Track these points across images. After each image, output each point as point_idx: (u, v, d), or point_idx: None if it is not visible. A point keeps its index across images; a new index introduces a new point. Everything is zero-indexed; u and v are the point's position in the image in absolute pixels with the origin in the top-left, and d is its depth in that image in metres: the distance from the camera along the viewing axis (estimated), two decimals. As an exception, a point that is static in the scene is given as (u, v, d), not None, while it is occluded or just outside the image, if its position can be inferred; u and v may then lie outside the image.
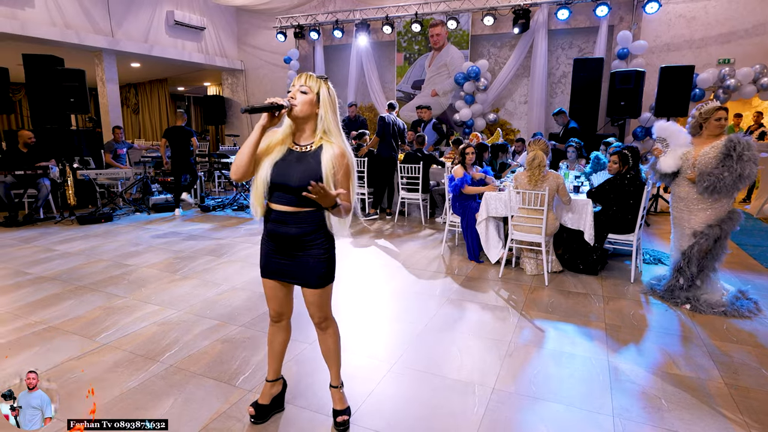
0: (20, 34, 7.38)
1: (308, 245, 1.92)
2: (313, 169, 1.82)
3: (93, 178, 7.30)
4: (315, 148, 1.86)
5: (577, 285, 4.07)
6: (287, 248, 1.93)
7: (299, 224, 1.88)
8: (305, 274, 1.95)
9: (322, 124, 1.87)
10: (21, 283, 4.06)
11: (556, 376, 2.59)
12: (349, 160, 1.87)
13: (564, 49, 8.59)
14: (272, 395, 2.21)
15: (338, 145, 1.86)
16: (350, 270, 4.52)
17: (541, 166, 3.88)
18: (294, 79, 1.91)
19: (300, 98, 1.84)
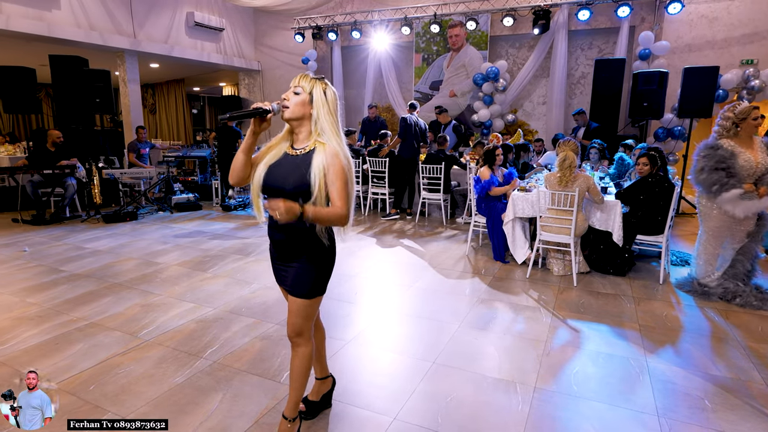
0: (46, 35, 7.50)
1: (297, 253, 1.86)
2: (299, 171, 1.76)
3: (117, 177, 7.42)
4: (308, 151, 1.80)
5: (606, 286, 4.08)
6: (281, 254, 1.91)
7: (289, 231, 1.82)
8: (291, 281, 1.89)
9: (317, 126, 1.80)
10: (57, 280, 4.15)
11: (595, 375, 2.61)
12: (341, 162, 1.75)
13: (584, 49, 8.57)
14: (321, 393, 2.25)
15: (331, 147, 1.77)
16: (378, 269, 4.57)
17: (572, 167, 3.89)
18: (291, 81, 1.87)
19: (293, 99, 1.79)
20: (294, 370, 1.97)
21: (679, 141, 7.44)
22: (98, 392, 2.41)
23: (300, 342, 1.94)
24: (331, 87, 1.84)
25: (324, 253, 1.88)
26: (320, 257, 1.87)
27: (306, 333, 1.94)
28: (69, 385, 2.48)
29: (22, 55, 9.64)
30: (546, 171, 5.75)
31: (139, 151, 8.31)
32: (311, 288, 1.87)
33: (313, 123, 1.80)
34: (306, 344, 1.95)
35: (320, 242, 1.85)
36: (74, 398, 2.36)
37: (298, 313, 1.90)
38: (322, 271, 1.89)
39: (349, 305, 3.65)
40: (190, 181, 8.85)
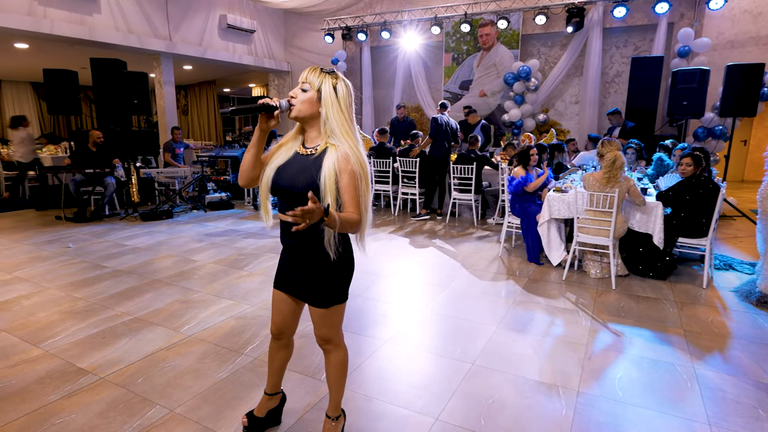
0: (88, 39, 7.77)
1: (313, 260, 1.73)
2: (309, 173, 1.62)
3: (154, 176, 7.62)
4: (319, 152, 1.66)
5: (646, 289, 3.97)
6: (295, 261, 1.78)
7: (303, 236, 1.69)
8: (310, 291, 1.78)
9: (326, 126, 1.65)
10: (101, 276, 4.29)
11: (640, 381, 2.54)
12: (354, 165, 1.61)
13: (619, 47, 8.37)
14: (268, 408, 2.12)
15: (343, 149, 1.62)
16: (411, 269, 4.56)
17: (622, 168, 3.81)
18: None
19: (300, 97, 1.65)
20: (330, 376, 1.95)
21: (720, 141, 7.19)
22: (147, 385, 2.49)
23: (330, 348, 1.90)
24: (343, 81, 1.68)
25: (338, 261, 1.74)
26: (335, 265, 1.74)
27: (335, 339, 1.88)
28: (118, 378, 2.56)
29: (63, 59, 10.02)
30: (581, 171, 5.65)
31: (174, 151, 8.52)
32: (329, 297, 1.78)
33: (322, 123, 1.66)
34: (337, 350, 1.91)
35: (339, 251, 1.73)
36: (124, 390, 2.43)
37: (322, 323, 1.83)
38: (338, 279, 1.77)
39: (385, 305, 3.65)
40: (222, 181, 9.02)
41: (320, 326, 1.85)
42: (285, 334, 1.98)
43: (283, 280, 1.87)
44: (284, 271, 1.85)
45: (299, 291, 1.82)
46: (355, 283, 4.09)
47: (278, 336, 1.98)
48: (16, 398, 2.36)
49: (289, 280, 1.83)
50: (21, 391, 2.42)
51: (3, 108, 13.51)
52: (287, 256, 1.82)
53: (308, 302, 1.81)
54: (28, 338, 3.02)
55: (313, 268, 1.74)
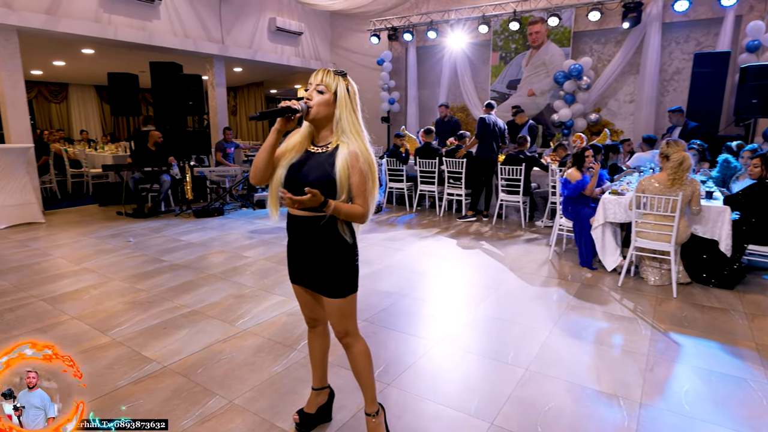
0: (148, 43, 8.14)
1: (324, 252, 1.80)
2: (324, 169, 1.72)
3: (206, 175, 7.91)
4: (331, 150, 1.76)
5: (710, 299, 3.76)
6: (305, 255, 1.84)
7: (314, 230, 1.77)
8: (322, 282, 1.84)
9: (338, 126, 1.75)
10: (160, 269, 4.49)
11: (709, 396, 2.41)
12: (363, 163, 1.72)
13: (679, 43, 7.97)
14: (318, 405, 2.15)
15: (353, 147, 1.73)
16: (459, 270, 4.52)
17: (688, 170, 3.62)
18: (312, 76, 1.77)
19: (316, 99, 1.73)
20: (358, 371, 1.97)
21: (792, 142, 6.70)
22: (206, 375, 2.58)
23: (350, 341, 1.93)
24: (351, 82, 1.78)
25: (348, 250, 1.83)
26: (345, 255, 1.82)
27: (353, 330, 1.92)
28: (180, 367, 2.67)
29: (124, 63, 10.56)
30: (637, 174, 5.41)
31: (225, 150, 8.81)
32: (344, 287, 1.84)
33: (335, 123, 1.76)
34: (357, 342, 1.94)
35: (343, 239, 1.80)
36: (186, 380, 2.53)
37: (339, 314, 1.87)
38: (350, 268, 1.84)
39: (433, 305, 3.63)
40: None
41: (339, 319, 1.88)
42: (319, 321, 2.06)
43: (297, 274, 1.93)
44: (296, 265, 1.91)
45: (315, 283, 1.87)
46: (403, 283, 4.11)
47: (313, 324, 2.07)
48: (88, 382, 2.49)
49: (303, 273, 1.89)
50: (93, 375, 2.56)
51: (70, 110, 14.40)
52: (296, 251, 1.88)
53: (323, 293, 1.85)
54: (97, 326, 3.20)
55: (326, 260, 1.80)
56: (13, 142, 6.75)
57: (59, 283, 4.08)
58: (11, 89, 6.74)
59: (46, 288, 3.94)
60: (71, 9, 7.06)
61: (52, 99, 14.01)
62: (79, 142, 11.61)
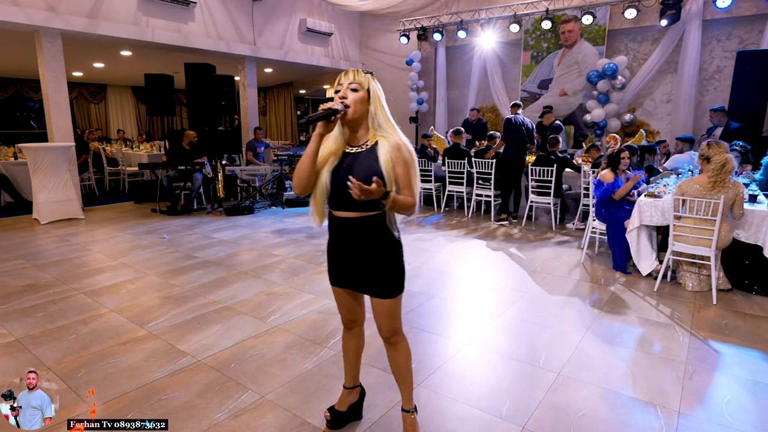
0: (183, 45, 8.36)
1: (373, 252, 1.79)
2: (372, 166, 1.71)
3: (237, 174, 8.06)
4: (371, 146, 1.76)
5: (753, 306, 3.61)
6: (352, 256, 1.82)
7: (362, 229, 1.77)
8: (372, 283, 1.83)
9: (374, 121, 1.77)
10: (193, 266, 4.60)
11: (753, 407, 2.31)
12: (405, 153, 1.75)
13: (720, 40, 7.68)
14: (349, 403, 2.17)
15: (394, 140, 1.75)
16: (488, 272, 4.47)
17: (731, 172, 3.49)
18: (340, 76, 1.78)
19: (352, 97, 1.73)
20: (400, 369, 1.98)
21: (842, 143, 6.38)
22: (239, 370, 2.63)
23: (397, 339, 1.94)
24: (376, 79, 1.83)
25: (396, 246, 1.84)
26: (394, 252, 1.83)
27: (400, 329, 1.93)
28: (213, 361, 2.73)
29: (159, 64, 10.86)
30: (674, 176, 5.25)
31: (255, 149, 8.96)
32: (394, 286, 1.84)
33: (371, 119, 1.77)
34: (402, 340, 1.96)
35: (396, 240, 1.83)
36: (219, 374, 2.59)
37: (389, 314, 1.87)
38: (398, 265, 1.84)
39: (462, 307, 3.61)
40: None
41: (388, 319, 1.88)
42: (356, 322, 2.05)
43: (341, 276, 1.90)
44: (338, 268, 1.89)
45: (362, 285, 1.85)
46: (431, 284, 4.10)
47: (350, 326, 2.06)
48: (126, 373, 2.59)
49: (349, 275, 1.86)
50: (130, 368, 2.65)
51: (108, 110, 14.91)
52: (341, 253, 1.85)
53: (374, 294, 1.84)
54: (134, 319, 3.30)
55: (375, 260, 1.80)
56: (56, 141, 7.04)
57: (98, 277, 4.23)
58: (55, 90, 7.02)
59: (86, 281, 4.09)
60: (111, 12, 7.31)
61: (92, 99, 14.54)
62: (116, 141, 12.01)
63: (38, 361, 2.72)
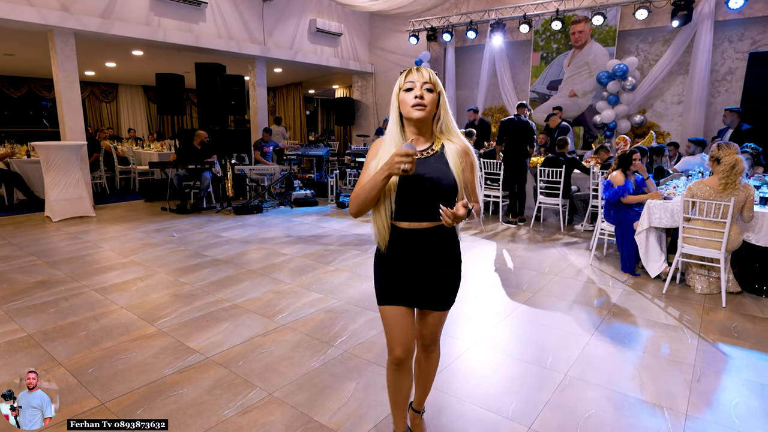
0: (195, 45, 8.42)
1: (442, 262, 1.70)
2: (444, 171, 1.60)
3: (246, 173, 8.11)
4: (438, 150, 1.64)
5: (764, 309, 3.58)
6: (419, 268, 1.68)
7: (432, 240, 1.66)
8: (437, 295, 1.72)
9: (440, 124, 1.66)
10: (202, 264, 4.64)
11: (762, 411, 2.30)
12: (472, 157, 1.68)
13: (732, 42, 7.60)
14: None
15: (462, 144, 1.67)
16: (496, 272, 4.47)
17: (741, 174, 3.47)
18: (408, 72, 1.63)
19: (428, 97, 1.60)
20: (427, 373, 1.94)
21: None
22: (247, 368, 2.66)
23: (435, 348, 1.89)
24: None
25: (459, 252, 1.77)
26: (460, 259, 1.77)
27: (439, 338, 1.89)
28: (222, 359, 2.76)
29: (170, 64, 10.96)
30: (684, 178, 5.21)
31: (263, 149, 9.02)
32: (455, 294, 1.79)
33: (437, 121, 1.66)
34: (438, 347, 1.91)
35: (458, 243, 1.76)
36: (227, 371, 2.62)
37: (439, 324, 1.82)
38: (460, 272, 1.79)
39: (469, 307, 3.61)
40: (307, 178, 9.40)
41: (437, 327, 1.82)
42: (411, 351, 1.78)
43: (399, 293, 1.71)
44: (397, 284, 1.71)
45: (426, 298, 1.73)
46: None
47: (404, 358, 1.74)
48: (136, 369, 2.62)
49: (414, 290, 1.71)
50: (140, 364, 2.69)
51: (119, 109, 15.06)
52: (404, 267, 1.68)
53: (436, 307, 1.75)
54: (144, 316, 3.34)
55: (444, 270, 1.71)
56: (68, 139, 7.13)
57: (109, 274, 4.28)
58: (67, 90, 7.12)
59: (96, 279, 4.15)
60: (124, 13, 7.39)
61: (103, 99, 14.69)
62: (127, 140, 12.13)
63: (50, 356, 2.76)
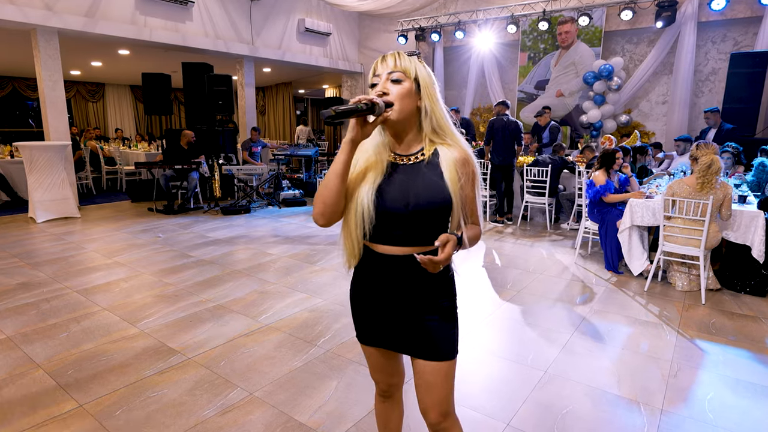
0: (182, 45, 8.37)
1: (430, 299, 1.33)
2: (434, 184, 1.26)
3: (234, 173, 8.08)
4: (429, 156, 1.29)
5: (741, 306, 3.64)
6: (398, 305, 1.34)
7: (416, 271, 1.28)
8: (426, 341, 1.34)
9: (429, 121, 1.28)
10: (187, 264, 4.62)
11: (736, 405, 2.34)
12: (474, 168, 1.31)
13: (715, 42, 7.71)
14: None
15: (457, 147, 1.30)
16: (481, 271, 4.50)
17: (718, 173, 3.52)
18: (375, 64, 1.28)
19: (395, 91, 1.24)
20: None
21: (836, 145, 6.41)
22: (228, 368, 2.65)
23: (449, 425, 1.40)
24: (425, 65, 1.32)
25: (454, 288, 1.40)
26: (453, 295, 1.39)
27: (453, 410, 1.41)
28: (204, 359, 2.75)
29: (157, 63, 10.88)
30: (667, 177, 5.28)
31: (251, 149, 8.99)
32: (454, 341, 1.37)
33: (424, 117, 1.28)
34: (455, 426, 1.41)
35: (451, 276, 1.38)
36: (209, 371, 2.61)
37: (444, 384, 1.35)
38: (456, 312, 1.40)
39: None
40: (296, 178, 9.38)
41: (442, 390, 1.36)
42: (397, 386, 1.57)
43: (373, 334, 1.41)
44: (373, 322, 1.39)
45: (412, 344, 1.36)
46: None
47: (389, 392, 1.56)
48: (117, 371, 2.61)
49: (386, 331, 1.38)
50: (121, 365, 2.67)
51: (106, 109, 14.93)
52: (381, 302, 1.36)
53: (428, 357, 1.34)
54: (126, 317, 3.32)
55: (432, 309, 1.34)
56: (52, 139, 7.05)
57: (92, 275, 4.25)
58: (51, 89, 7.04)
59: (79, 280, 4.11)
60: (109, 11, 7.33)
61: (90, 98, 14.55)
62: (114, 140, 12.03)
63: (28, 358, 2.74)
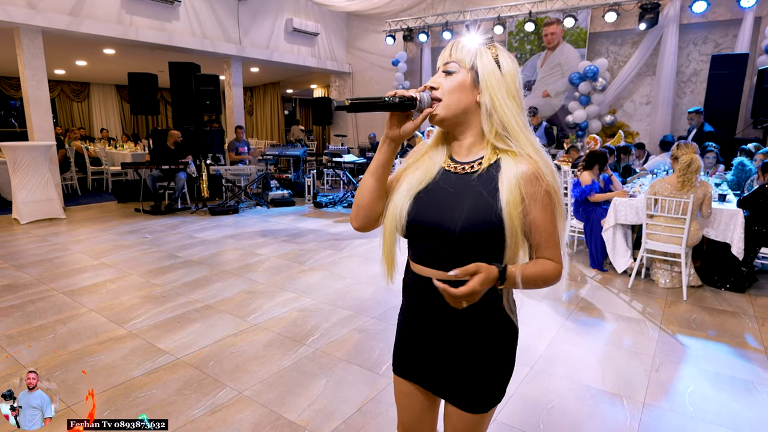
0: (168, 44, 8.31)
1: (474, 336, 1.13)
2: (482, 202, 1.04)
3: (222, 173, 8.05)
4: (486, 166, 1.07)
5: (721, 302, 3.73)
6: (440, 342, 1.16)
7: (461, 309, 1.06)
8: (463, 387, 1.16)
9: (491, 121, 1.06)
10: (175, 265, 4.60)
11: (715, 398, 2.41)
12: (547, 184, 1.03)
13: (697, 44, 7.86)
14: None
15: (525, 158, 1.04)
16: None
17: (697, 172, 3.61)
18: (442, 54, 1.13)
19: (446, 84, 1.07)
20: None
21: (813, 145, 6.58)
22: (217, 368, 2.66)
23: None
24: (506, 54, 1.09)
25: (512, 337, 1.17)
26: (507, 345, 1.17)
27: None
28: (192, 359, 2.75)
29: (144, 63, 10.78)
30: (650, 176, 5.38)
31: (237, 149, 8.95)
32: (497, 393, 1.18)
33: (485, 117, 1.07)
34: None
35: (508, 321, 1.15)
36: (197, 371, 2.61)
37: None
38: (508, 365, 1.18)
39: (441, 305, 3.67)
40: (284, 179, 9.36)
41: None
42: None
43: (407, 364, 1.25)
44: (410, 351, 1.24)
45: (446, 387, 1.19)
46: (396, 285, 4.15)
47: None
48: (104, 372, 2.60)
49: (423, 364, 1.21)
50: (108, 366, 2.66)
51: (91, 108, 14.74)
52: (419, 330, 1.20)
53: (462, 406, 1.17)
54: (113, 319, 3.31)
55: (475, 348, 1.14)
56: (36, 139, 6.96)
57: (78, 276, 4.21)
58: (34, 89, 6.95)
59: (65, 281, 4.08)
60: (94, 10, 7.25)
61: (74, 98, 14.36)
62: (99, 141, 11.89)
63: (14, 360, 2.72)
